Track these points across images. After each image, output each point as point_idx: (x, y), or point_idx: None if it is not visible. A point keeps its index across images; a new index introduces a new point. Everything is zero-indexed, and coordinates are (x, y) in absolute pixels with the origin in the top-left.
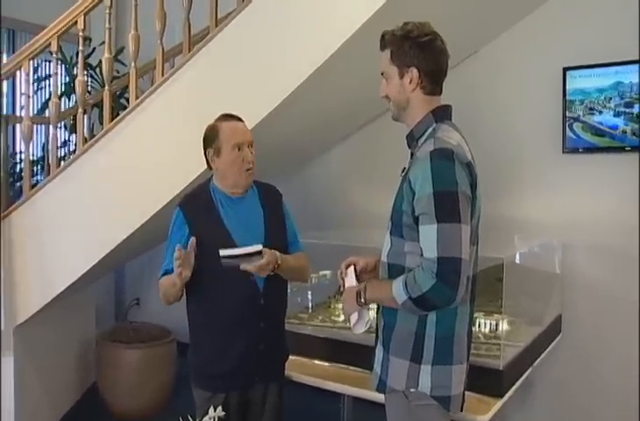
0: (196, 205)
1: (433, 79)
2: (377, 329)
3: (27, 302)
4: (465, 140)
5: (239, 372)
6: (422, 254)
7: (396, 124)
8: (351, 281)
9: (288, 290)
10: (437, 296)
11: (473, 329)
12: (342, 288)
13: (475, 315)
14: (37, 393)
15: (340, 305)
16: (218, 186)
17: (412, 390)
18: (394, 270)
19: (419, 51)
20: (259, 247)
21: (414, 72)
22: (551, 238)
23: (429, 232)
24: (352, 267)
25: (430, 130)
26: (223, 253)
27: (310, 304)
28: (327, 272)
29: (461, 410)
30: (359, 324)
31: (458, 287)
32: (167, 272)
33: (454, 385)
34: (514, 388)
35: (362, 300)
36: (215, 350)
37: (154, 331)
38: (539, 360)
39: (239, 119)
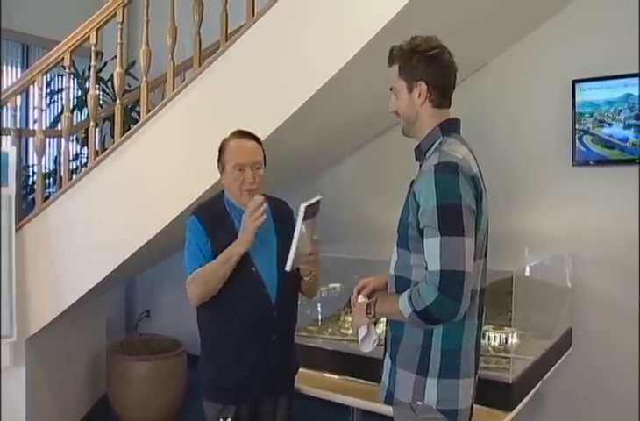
0: (211, 214)
1: (441, 92)
2: (385, 341)
3: (39, 313)
4: (472, 154)
5: (250, 384)
6: (427, 267)
7: (405, 138)
8: (361, 296)
9: (298, 303)
10: (439, 309)
11: (483, 342)
12: (352, 305)
13: (485, 328)
14: (48, 404)
15: (349, 318)
16: (230, 198)
17: (419, 403)
18: (401, 283)
19: (427, 65)
20: (319, 196)
21: (422, 86)
22: (561, 250)
23: (432, 245)
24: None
25: (437, 143)
26: (305, 204)
27: (320, 317)
28: (336, 285)
29: None
30: (367, 342)
31: (462, 300)
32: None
33: (461, 399)
34: (524, 401)
35: (372, 313)
36: (226, 362)
37: (165, 343)
38: (549, 373)
39: (253, 137)
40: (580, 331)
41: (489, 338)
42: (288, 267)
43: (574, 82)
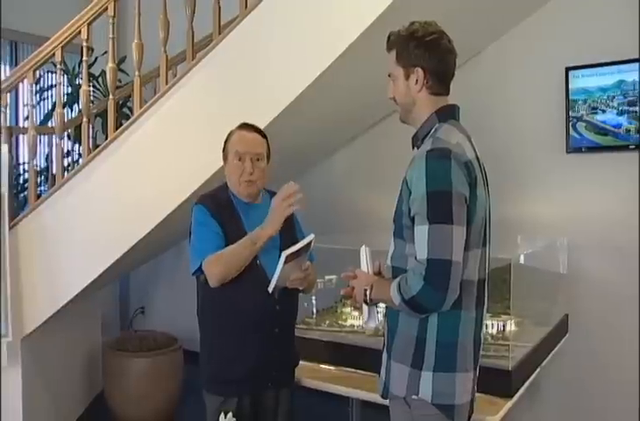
0: (217, 204)
1: (439, 78)
2: (384, 333)
3: (34, 312)
4: (469, 140)
5: (252, 377)
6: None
7: (400, 127)
8: (364, 264)
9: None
10: (425, 299)
11: None
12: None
13: None
14: (45, 403)
15: (347, 309)
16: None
17: (414, 397)
18: (398, 273)
19: (423, 50)
20: (311, 237)
21: (419, 72)
22: (556, 238)
23: (421, 233)
24: (363, 249)
25: (432, 130)
26: (286, 252)
27: (316, 309)
28: (332, 277)
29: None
30: (371, 318)
31: (447, 290)
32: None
33: (458, 393)
34: (523, 388)
35: (368, 299)
36: (229, 355)
37: (160, 340)
38: (547, 359)
39: (257, 130)
40: (576, 317)
41: (487, 326)
42: (270, 290)
43: (567, 70)
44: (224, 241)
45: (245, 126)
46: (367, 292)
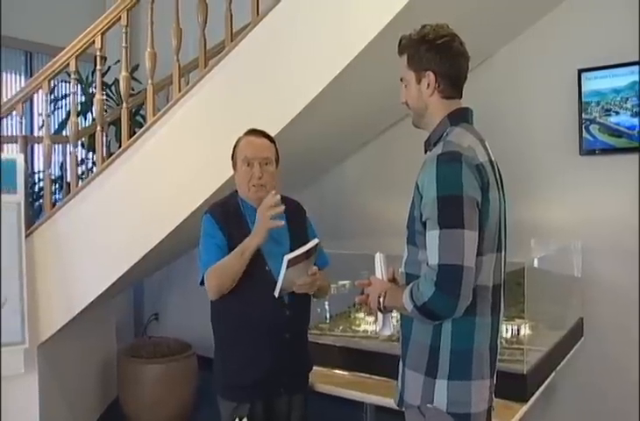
0: (225, 212)
1: (451, 82)
2: (400, 340)
3: (50, 319)
4: (482, 143)
5: (265, 382)
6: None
7: (411, 132)
8: (379, 271)
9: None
10: (437, 305)
11: None
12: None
13: None
14: (61, 410)
15: (360, 315)
16: (242, 196)
17: (428, 406)
18: (412, 280)
19: (434, 53)
20: (315, 241)
21: (430, 76)
22: (570, 241)
23: (432, 238)
24: (378, 256)
25: (444, 134)
26: (288, 256)
27: (330, 314)
28: (346, 282)
29: None
30: (385, 326)
31: (460, 296)
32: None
33: (474, 402)
34: (538, 392)
35: (382, 307)
36: (241, 361)
37: (174, 346)
38: (562, 363)
39: (264, 135)
40: (591, 320)
41: (501, 331)
42: (276, 294)
43: (580, 72)
44: (229, 251)
45: (253, 132)
46: (381, 300)
